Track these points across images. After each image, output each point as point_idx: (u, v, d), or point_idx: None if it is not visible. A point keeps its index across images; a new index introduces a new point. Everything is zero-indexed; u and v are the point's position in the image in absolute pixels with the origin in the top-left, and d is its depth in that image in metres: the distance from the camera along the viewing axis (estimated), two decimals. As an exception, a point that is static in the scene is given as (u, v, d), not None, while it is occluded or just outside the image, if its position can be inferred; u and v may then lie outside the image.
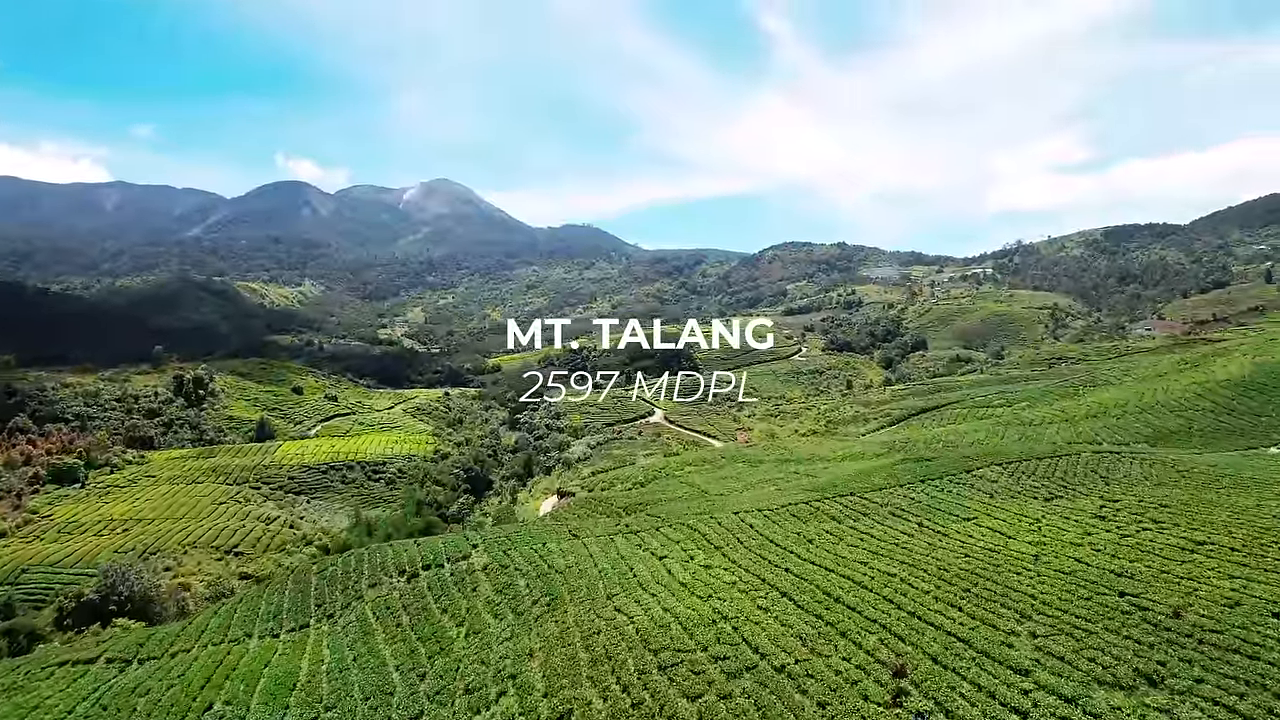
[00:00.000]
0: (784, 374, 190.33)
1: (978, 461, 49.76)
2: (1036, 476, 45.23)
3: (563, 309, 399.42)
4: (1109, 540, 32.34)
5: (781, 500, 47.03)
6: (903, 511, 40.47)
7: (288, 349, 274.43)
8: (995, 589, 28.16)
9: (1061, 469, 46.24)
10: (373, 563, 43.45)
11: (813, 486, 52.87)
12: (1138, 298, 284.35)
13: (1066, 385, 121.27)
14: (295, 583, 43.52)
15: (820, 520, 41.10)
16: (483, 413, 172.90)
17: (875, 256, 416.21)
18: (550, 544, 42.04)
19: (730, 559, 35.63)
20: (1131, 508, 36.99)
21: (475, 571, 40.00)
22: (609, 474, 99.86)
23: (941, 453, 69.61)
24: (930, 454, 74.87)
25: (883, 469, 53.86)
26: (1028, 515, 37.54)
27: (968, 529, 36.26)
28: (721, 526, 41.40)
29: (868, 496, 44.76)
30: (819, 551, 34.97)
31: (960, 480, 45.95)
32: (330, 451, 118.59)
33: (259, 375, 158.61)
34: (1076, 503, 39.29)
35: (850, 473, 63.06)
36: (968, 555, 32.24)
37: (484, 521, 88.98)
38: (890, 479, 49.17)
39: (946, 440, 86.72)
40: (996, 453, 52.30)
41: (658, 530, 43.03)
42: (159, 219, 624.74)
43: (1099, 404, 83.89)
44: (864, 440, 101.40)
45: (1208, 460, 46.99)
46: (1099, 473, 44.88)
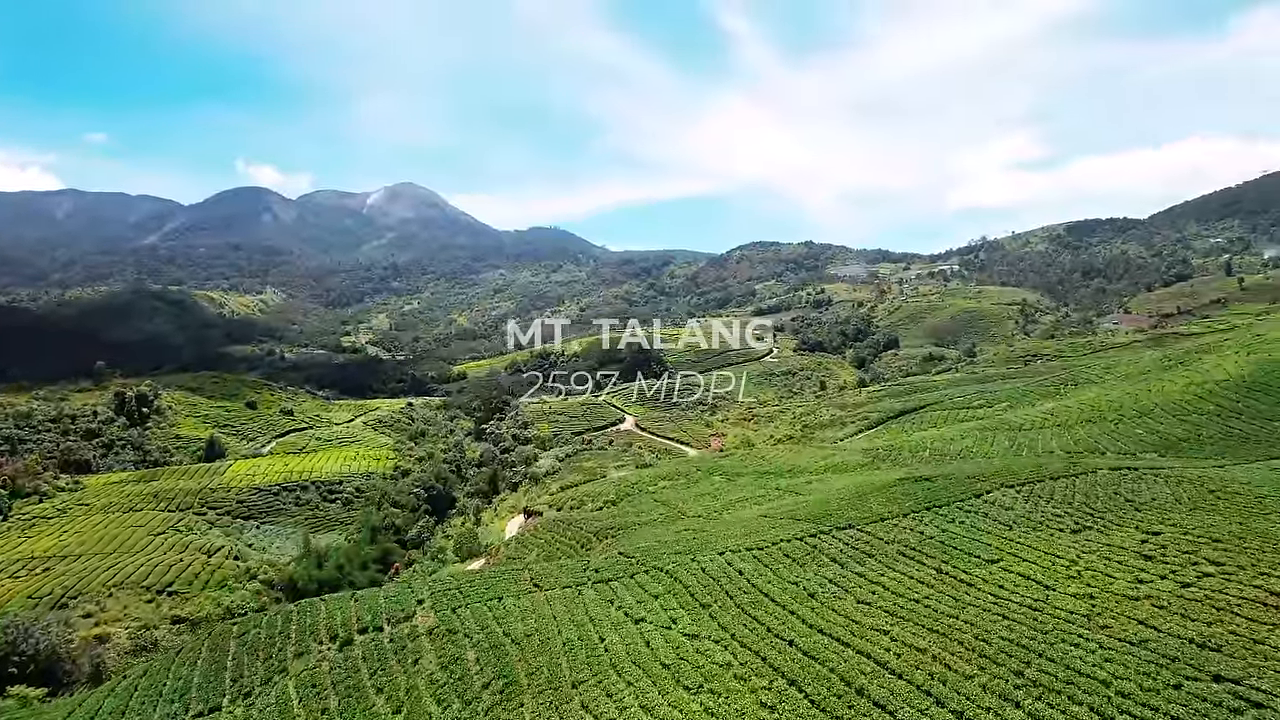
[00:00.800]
0: (756, 376, 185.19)
1: (985, 483, 44.39)
2: (1056, 501, 39.96)
3: (530, 312, 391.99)
4: (1169, 593, 26.98)
5: (771, 534, 41.24)
6: (914, 551, 34.85)
7: (247, 360, 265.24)
8: (1055, 671, 22.59)
9: (1081, 491, 41.03)
10: (301, 625, 36.87)
11: (802, 512, 47.22)
12: (1103, 292, 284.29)
13: (1046, 384, 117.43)
14: (210, 649, 36.78)
15: (819, 563, 35.35)
16: (447, 423, 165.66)
17: (842, 255, 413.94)
18: (508, 599, 35.79)
19: (720, 624, 29.71)
20: (1178, 543, 31.79)
21: (419, 637, 33.61)
22: (578, 489, 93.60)
23: (935, 466, 64.41)
24: (922, 466, 69.71)
25: (879, 491, 48.31)
26: (1060, 555, 32.15)
27: (996, 576, 30.75)
28: (706, 574, 35.47)
29: (869, 530, 39.12)
30: (826, 613, 29.19)
31: (970, 508, 40.51)
32: (284, 471, 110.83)
33: (211, 390, 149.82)
34: (1111, 536, 33.99)
35: (840, 490, 57.58)
36: (1006, 617, 26.68)
37: (445, 547, 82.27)
38: (890, 505, 43.64)
39: (933, 448, 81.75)
40: (1004, 471, 46.98)
41: (632, 578, 36.99)
42: (113, 227, 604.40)
43: (1091, 407, 79.39)
44: (844, 447, 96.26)
45: (1236, 476, 42.09)
46: (1124, 495, 39.74)
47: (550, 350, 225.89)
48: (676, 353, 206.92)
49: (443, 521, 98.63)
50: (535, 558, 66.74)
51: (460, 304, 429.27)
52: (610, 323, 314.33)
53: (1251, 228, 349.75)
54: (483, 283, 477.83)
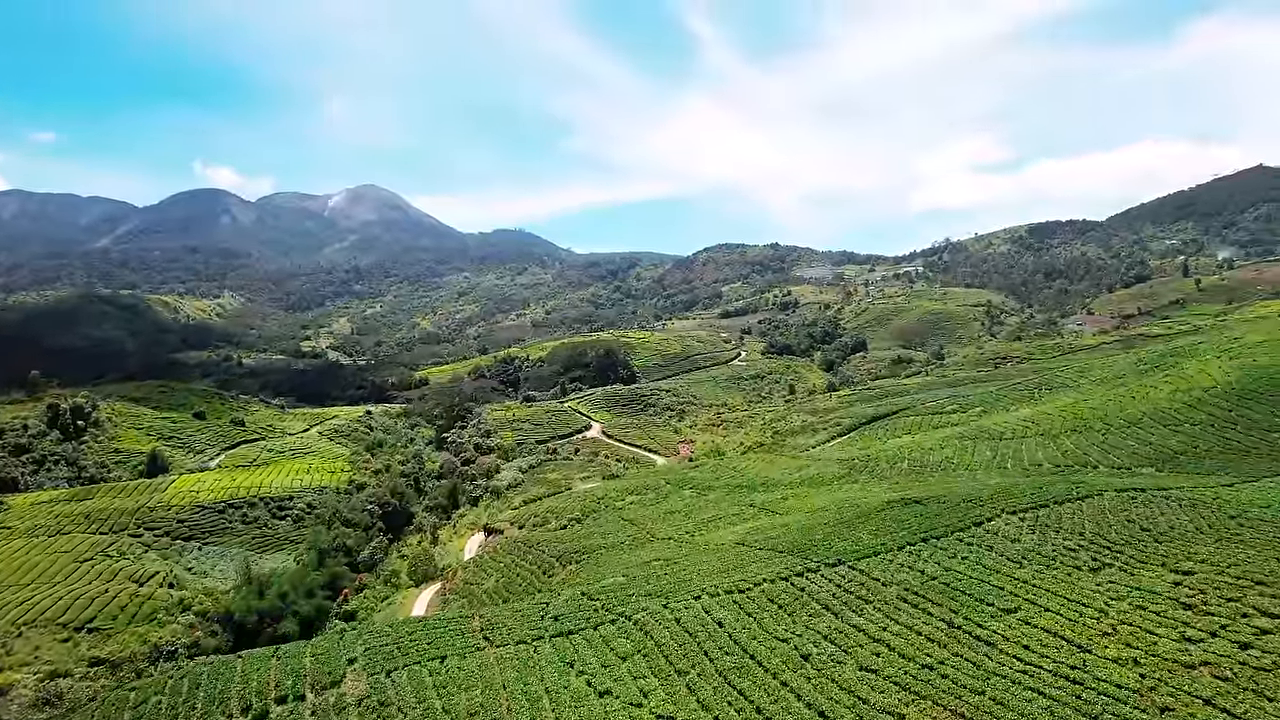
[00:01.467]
0: (724, 380, 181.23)
1: (984, 508, 40.20)
2: (1065, 531, 35.87)
3: (495, 316, 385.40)
4: (1228, 657, 22.81)
5: (753, 571, 36.62)
6: (918, 597, 30.42)
7: (202, 366, 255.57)
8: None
9: (1090, 518, 37.01)
10: (210, 691, 31.34)
11: (784, 541, 42.72)
12: (1065, 293, 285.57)
13: (1020, 389, 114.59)
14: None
15: (810, 611, 30.77)
16: (408, 432, 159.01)
17: (808, 257, 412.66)
18: (452, 658, 30.66)
19: (699, 700, 24.94)
20: (1216, 586, 27.76)
21: (346, 708, 28.37)
22: (542, 504, 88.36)
23: (921, 483, 60.47)
24: (906, 481, 65.71)
25: (866, 517, 43.93)
26: (1086, 603, 27.92)
27: (1017, 631, 26.43)
28: (681, 627, 30.70)
29: (863, 568, 34.64)
30: (825, 684, 24.56)
31: (972, 539, 36.26)
32: (230, 486, 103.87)
33: (156, 399, 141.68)
34: (1137, 577, 29.89)
35: (822, 512, 53.24)
36: (1042, 694, 22.29)
37: (399, 569, 76.53)
38: (882, 535, 39.25)
39: (911, 458, 77.92)
40: (1002, 494, 42.82)
41: (596, 629, 32.07)
42: (62, 229, 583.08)
43: (1074, 414, 76.12)
44: (818, 456, 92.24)
45: (1253, 499, 38.40)
46: (1138, 523, 35.78)
47: (515, 355, 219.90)
48: (644, 356, 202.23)
49: (399, 540, 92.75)
50: (493, 584, 61.57)
51: (423, 307, 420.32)
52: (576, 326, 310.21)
53: (1204, 229, 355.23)
54: (446, 286, 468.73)
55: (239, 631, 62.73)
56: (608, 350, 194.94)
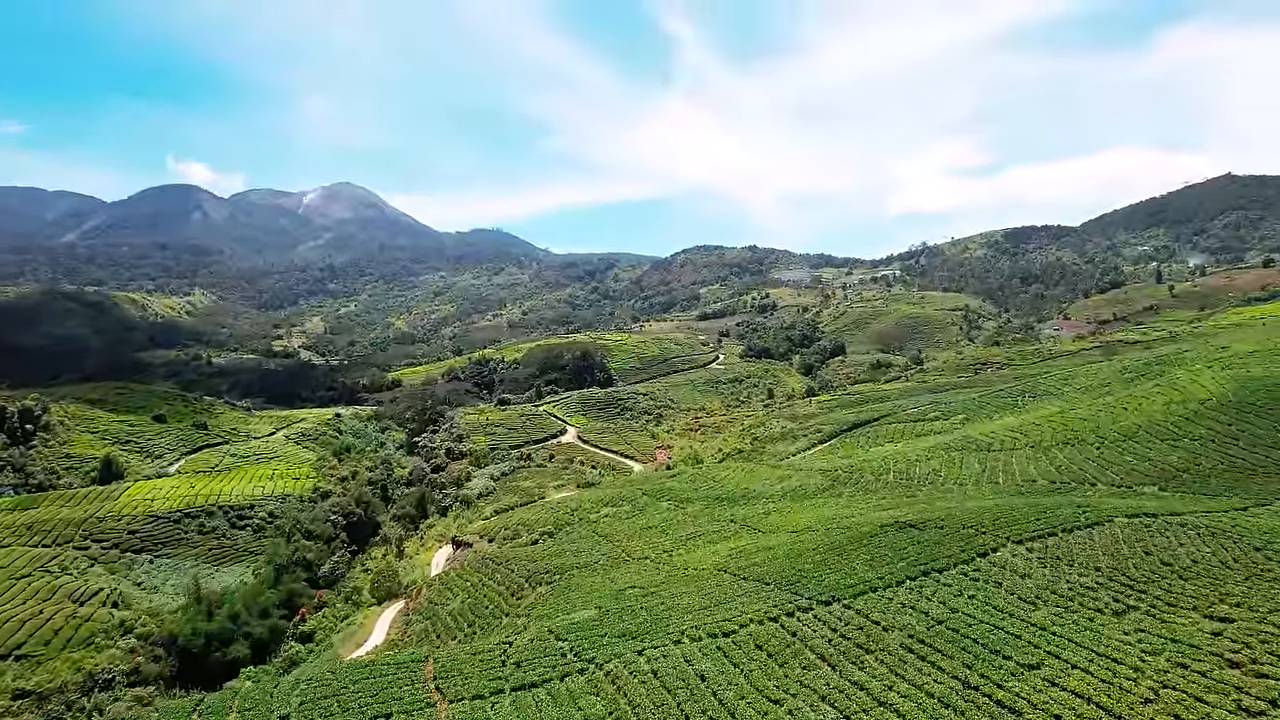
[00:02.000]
0: (702, 383, 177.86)
1: (987, 537, 36.84)
2: (1079, 565, 32.59)
3: (471, 316, 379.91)
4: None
5: (738, 607, 33.01)
6: (925, 647, 26.93)
7: (170, 365, 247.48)
8: None
9: (1104, 550, 33.79)
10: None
11: (771, 570, 39.20)
12: (1041, 297, 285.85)
13: (1003, 396, 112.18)
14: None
15: (804, 663, 27.19)
16: (378, 435, 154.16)
17: (786, 259, 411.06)
18: (396, 716, 26.78)
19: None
20: (1262, 637, 24.54)
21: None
22: (513, 515, 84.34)
23: (911, 500, 57.20)
24: (893, 496, 62.45)
25: (858, 543, 40.43)
26: (1119, 658, 24.53)
27: (1044, 695, 22.94)
28: (658, 680, 26.98)
29: (859, 607, 31.14)
30: (828, 766, 21.03)
31: (977, 574, 32.89)
32: (188, 494, 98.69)
33: (114, 401, 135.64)
34: (1169, 625, 26.62)
35: (810, 534, 49.85)
36: (1087, 783, 18.89)
37: (361, 586, 72.11)
38: (877, 565, 35.79)
39: (896, 469, 74.84)
40: (1003, 519, 39.49)
41: (563, 680, 28.31)
42: (27, 224, 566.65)
43: (1063, 425, 73.34)
44: (799, 465, 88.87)
45: (1274, 526, 35.44)
46: (1157, 555, 32.62)
47: (490, 356, 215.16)
48: (621, 359, 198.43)
49: (364, 552, 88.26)
50: (459, 606, 57.53)
51: (399, 307, 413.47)
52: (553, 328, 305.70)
53: (1176, 236, 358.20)
54: (422, 285, 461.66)
55: (185, 657, 58.14)
56: (584, 352, 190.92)
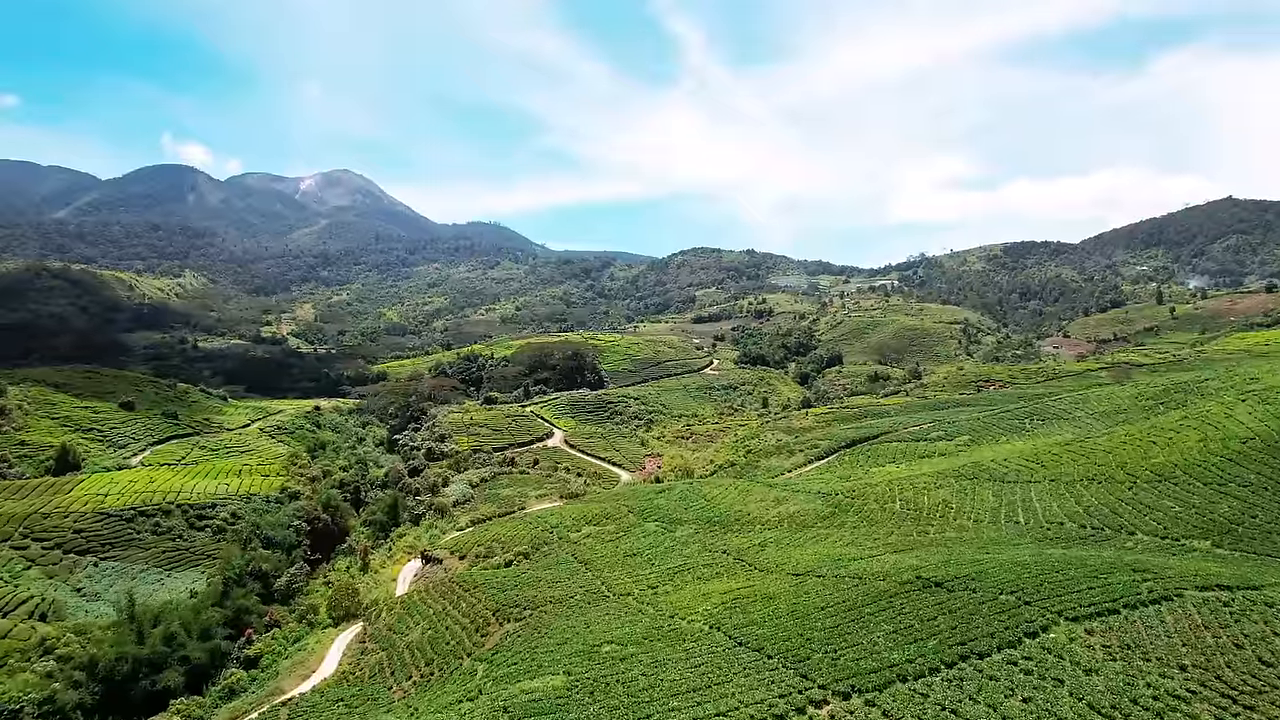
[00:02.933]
0: (695, 389, 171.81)
1: (1033, 610, 30.92)
2: (1155, 659, 26.68)
3: (464, 310, 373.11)
4: None
5: (733, 700, 27.08)
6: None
7: (154, 348, 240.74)
8: None
9: (1179, 636, 27.97)
10: None
11: (774, 639, 33.35)
12: (1040, 314, 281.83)
13: (1009, 418, 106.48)
14: None
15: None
16: (358, 430, 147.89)
17: (784, 264, 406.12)
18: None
19: None
20: None
21: None
22: (490, 529, 78.24)
23: (925, 542, 51.35)
24: (902, 533, 56.60)
25: (876, 604, 34.52)
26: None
27: None
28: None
29: (885, 705, 25.23)
30: None
31: (1029, 662, 27.01)
32: (145, 489, 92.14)
33: (80, 386, 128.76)
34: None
35: (813, 576, 44.00)
36: None
37: (318, 604, 65.89)
38: (903, 643, 29.86)
39: (903, 497, 68.92)
40: (1049, 583, 33.52)
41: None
42: (19, 199, 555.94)
43: (1084, 457, 67.54)
44: (797, 486, 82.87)
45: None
46: (1248, 648, 26.82)
47: (479, 352, 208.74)
48: (613, 360, 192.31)
49: (330, 561, 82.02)
50: (418, 637, 51.46)
51: (391, 298, 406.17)
52: (546, 325, 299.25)
53: (1175, 257, 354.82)
54: (417, 276, 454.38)
55: (109, 684, 51.78)
56: (575, 352, 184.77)
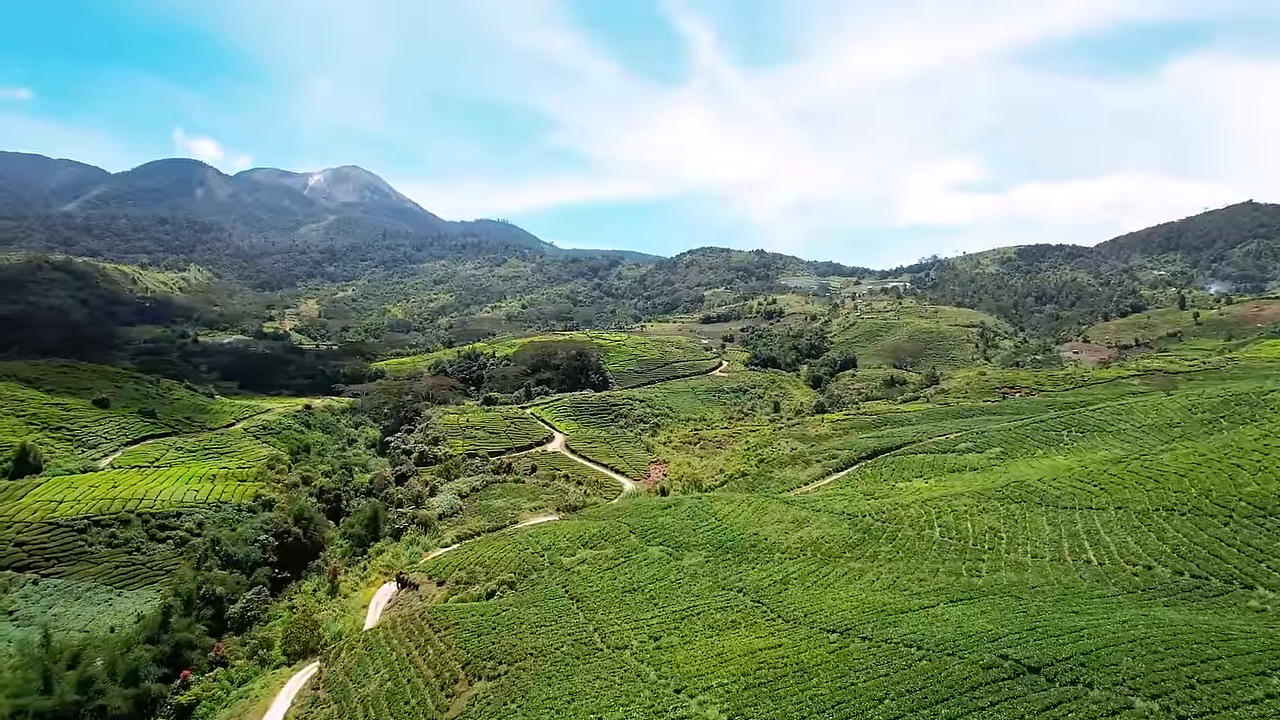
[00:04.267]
0: (704, 391, 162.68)
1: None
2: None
3: (469, 307, 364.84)
4: None
5: None
6: None
7: (154, 342, 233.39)
8: None
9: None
10: None
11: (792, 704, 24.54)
12: (1057, 318, 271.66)
13: (1042, 427, 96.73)
14: None
15: None
16: (351, 431, 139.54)
17: (793, 265, 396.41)
18: None
19: None
20: None
21: None
22: (475, 548, 69.31)
23: (1020, 618, 42.22)
24: (985, 603, 47.43)
25: (952, 689, 25.65)
26: None
27: None
28: None
29: None
30: None
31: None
32: (105, 496, 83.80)
33: (54, 381, 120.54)
34: None
35: (854, 634, 35.13)
36: None
37: (273, 637, 57.03)
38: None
39: (942, 522, 59.75)
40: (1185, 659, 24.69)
41: None
42: (28, 191, 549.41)
43: (1150, 478, 58.20)
44: (817, 504, 73.55)
45: None
46: None
47: (481, 351, 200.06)
48: (619, 360, 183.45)
49: (300, 579, 73.32)
50: (375, 690, 42.65)
51: (397, 294, 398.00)
52: (552, 323, 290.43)
53: (1193, 262, 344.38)
54: (423, 273, 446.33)
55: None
56: (580, 352, 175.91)
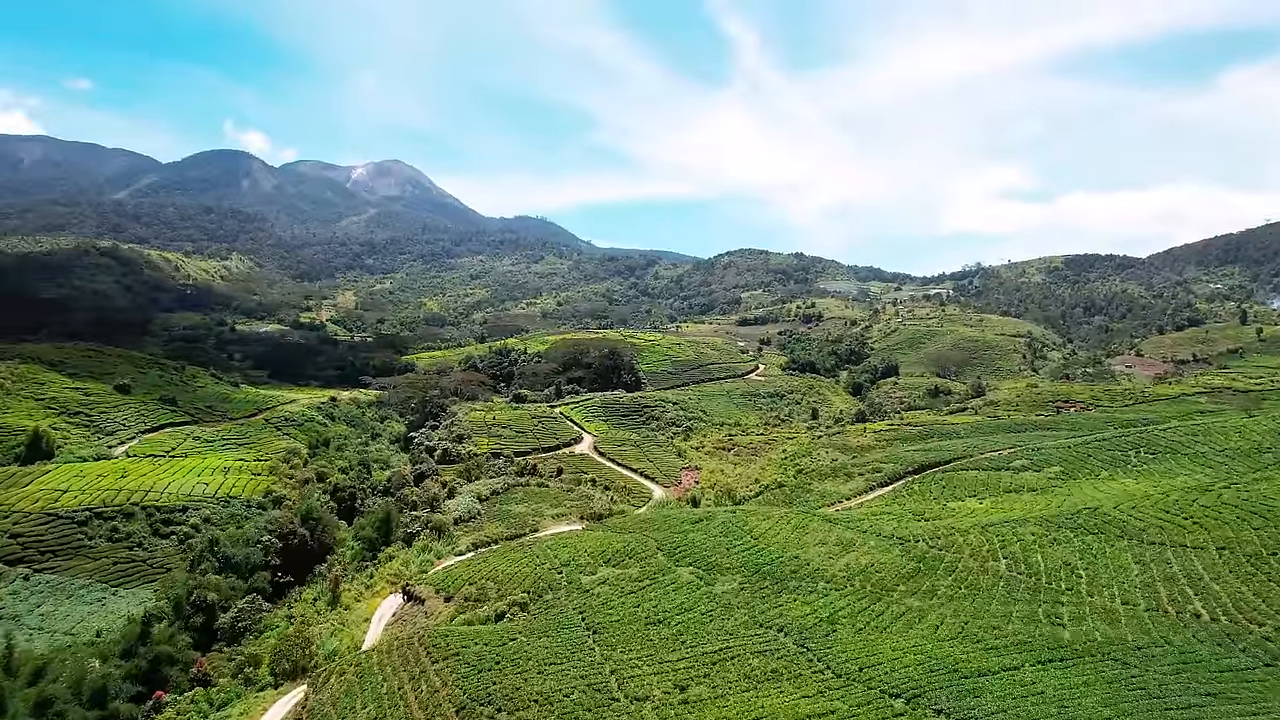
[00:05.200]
0: (739, 395, 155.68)
1: None
2: None
3: (505, 303, 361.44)
4: None
5: None
6: None
7: (192, 329, 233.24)
8: None
9: None
10: None
11: None
12: (1107, 330, 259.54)
13: (1107, 446, 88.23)
14: None
15: None
16: (376, 425, 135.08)
17: (833, 269, 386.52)
18: None
19: None
20: None
21: None
22: (489, 559, 63.36)
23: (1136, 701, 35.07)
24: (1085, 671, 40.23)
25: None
26: None
27: None
28: None
29: None
30: None
31: None
32: (113, 486, 79.80)
33: (76, 364, 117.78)
34: None
35: (923, 703, 28.47)
36: None
37: (261, 656, 51.46)
38: None
39: (1008, 552, 52.48)
40: None
41: None
42: (83, 179, 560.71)
43: (1266, 520, 50.35)
44: (863, 524, 66.36)
45: None
46: None
47: (512, 346, 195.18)
48: (652, 361, 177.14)
49: (303, 584, 68.02)
50: (361, 729, 36.96)
51: (434, 288, 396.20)
52: (586, 321, 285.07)
53: (1253, 276, 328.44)
54: (460, 268, 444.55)
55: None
56: (612, 350, 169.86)
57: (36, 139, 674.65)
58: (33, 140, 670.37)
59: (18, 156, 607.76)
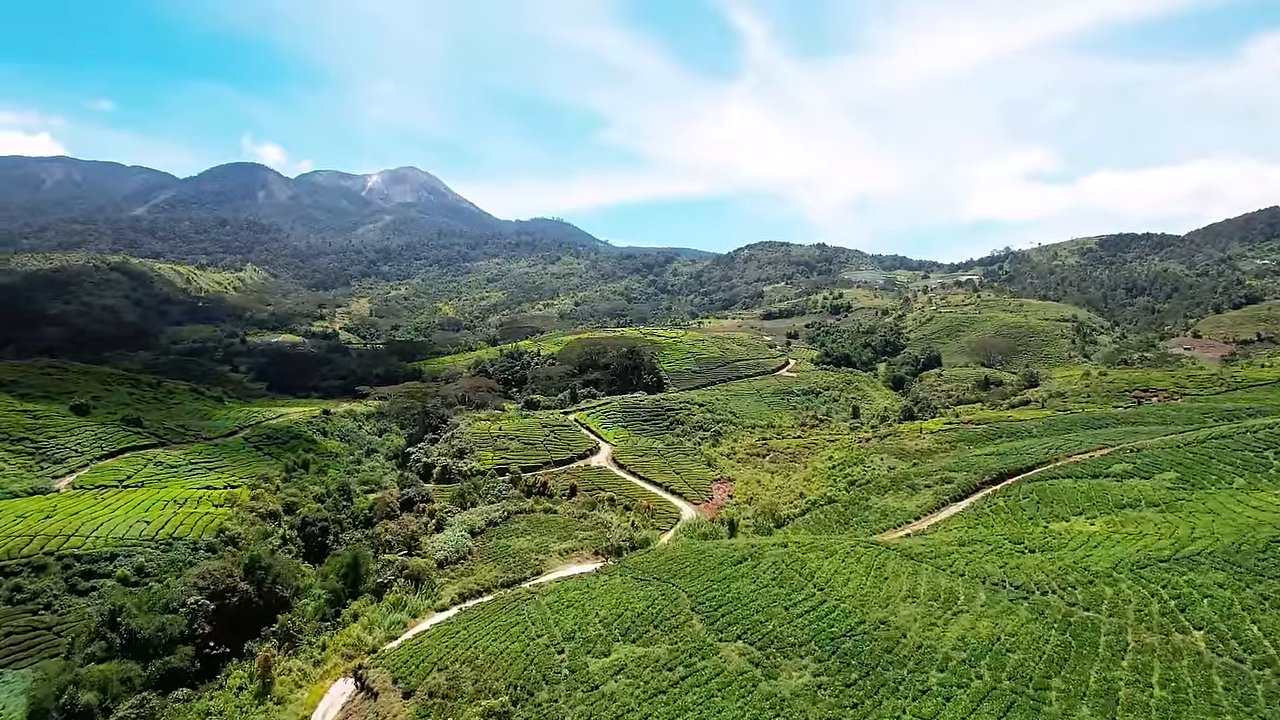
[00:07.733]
0: (770, 394, 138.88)
1: None
2: None
3: (521, 305, 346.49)
4: None
5: None
6: None
7: (201, 341, 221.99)
8: None
9: None
10: None
11: None
12: (1153, 311, 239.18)
13: (1231, 446, 70.45)
14: None
15: None
16: (373, 439, 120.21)
17: (857, 259, 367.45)
18: None
19: None
20: None
21: None
22: (470, 625, 47.34)
23: None
24: None
25: None
26: None
27: None
28: None
29: None
30: None
31: None
32: (25, 533, 64.68)
33: (33, 383, 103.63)
34: None
35: None
36: None
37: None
38: None
39: (1202, 620, 35.85)
40: None
41: None
42: (102, 197, 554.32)
43: None
44: (956, 563, 49.48)
45: None
46: None
47: (524, 349, 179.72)
48: (674, 359, 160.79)
49: (243, 659, 52.05)
50: None
51: (450, 292, 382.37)
52: (605, 320, 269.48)
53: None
54: (476, 271, 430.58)
55: None
56: (631, 350, 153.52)
57: (58, 160, 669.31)
58: (54, 161, 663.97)
59: (39, 178, 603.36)
